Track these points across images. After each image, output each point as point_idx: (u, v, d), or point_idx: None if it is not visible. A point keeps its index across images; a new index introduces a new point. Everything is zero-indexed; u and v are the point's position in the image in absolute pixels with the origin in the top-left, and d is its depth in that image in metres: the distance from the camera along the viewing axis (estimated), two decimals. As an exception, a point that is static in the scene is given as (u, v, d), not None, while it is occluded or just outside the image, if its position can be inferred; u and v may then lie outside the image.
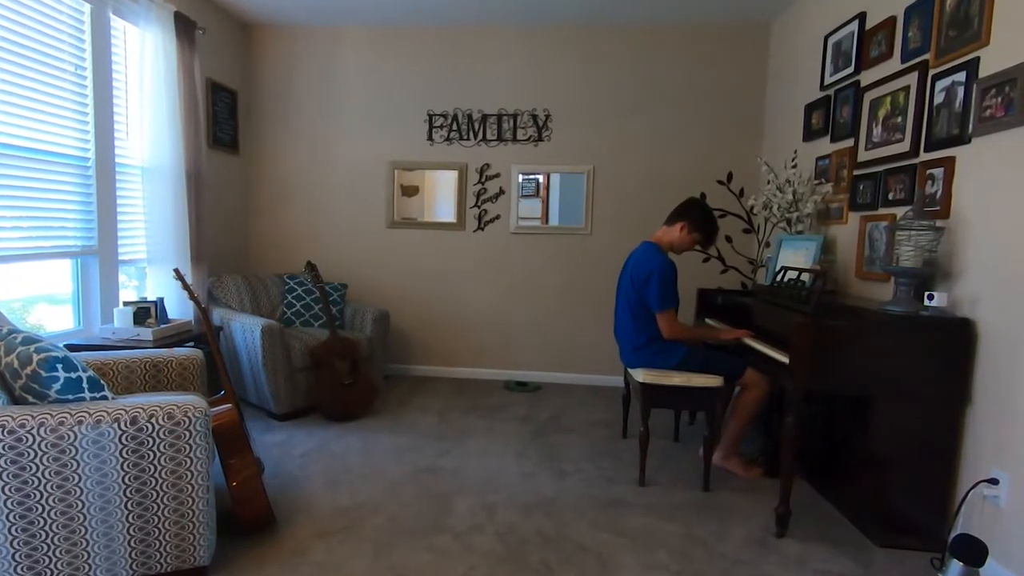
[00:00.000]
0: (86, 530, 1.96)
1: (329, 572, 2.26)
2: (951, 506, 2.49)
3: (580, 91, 4.81)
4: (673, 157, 4.76)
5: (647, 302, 3.08)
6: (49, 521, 1.94)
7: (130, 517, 2.00)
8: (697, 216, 3.18)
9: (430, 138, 4.93)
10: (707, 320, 3.90)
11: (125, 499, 1.98)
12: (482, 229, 4.97)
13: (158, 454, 1.99)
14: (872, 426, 2.55)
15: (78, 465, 1.92)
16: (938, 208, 2.62)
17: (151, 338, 3.31)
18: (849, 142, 3.41)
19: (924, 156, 2.77)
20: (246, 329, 3.74)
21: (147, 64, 3.69)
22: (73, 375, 2.01)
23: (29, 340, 2.02)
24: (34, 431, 1.88)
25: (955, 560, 2.14)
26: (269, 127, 5.08)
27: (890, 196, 3.00)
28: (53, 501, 1.93)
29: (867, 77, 3.27)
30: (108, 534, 1.99)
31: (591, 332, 4.93)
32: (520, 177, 4.90)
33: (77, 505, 1.94)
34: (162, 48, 3.73)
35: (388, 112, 4.96)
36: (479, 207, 4.95)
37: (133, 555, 2.02)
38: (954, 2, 2.60)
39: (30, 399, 1.98)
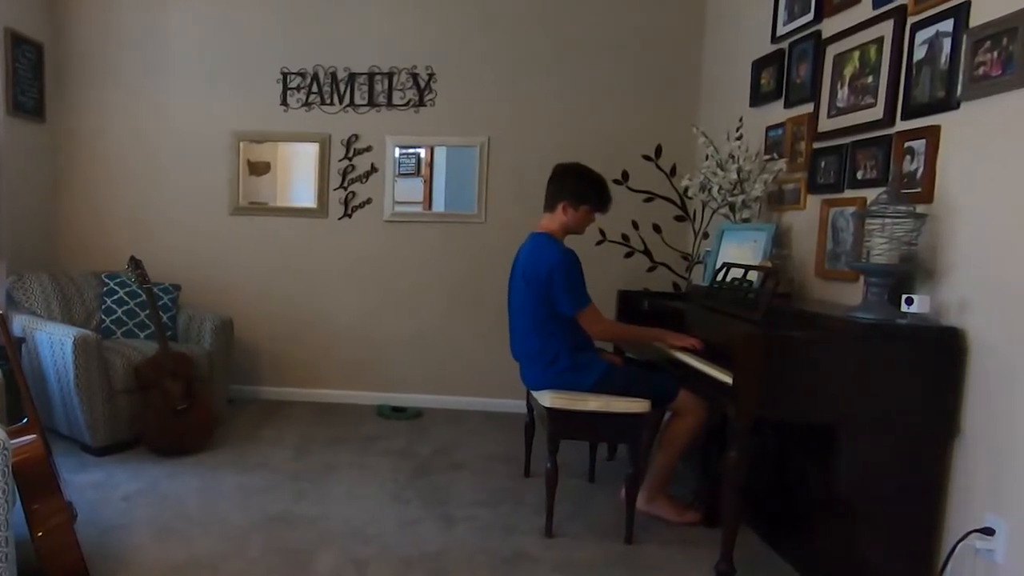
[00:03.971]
0: None
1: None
2: (935, 562, 2.45)
3: (472, 45, 4.80)
4: (588, 126, 4.77)
5: (556, 306, 3.07)
6: None
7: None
8: (573, 185, 3.20)
9: (284, 103, 4.91)
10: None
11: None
12: (349, 216, 4.97)
13: (-58, 497, 1.95)
14: (837, 463, 2.53)
15: None
16: (919, 190, 2.60)
17: (-66, 352, 3.30)
18: (808, 107, 3.40)
19: (901, 125, 2.75)
20: (55, 341, 3.72)
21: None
22: None
23: None
24: None
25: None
26: (84, 89, 4.99)
27: (859, 175, 2.98)
28: None
29: (830, 26, 3.25)
30: None
31: (486, 345, 4.86)
32: (397, 151, 4.90)
33: None
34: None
35: (231, 70, 4.91)
36: (345, 188, 4.96)
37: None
38: (938, -68, 2.59)
39: None
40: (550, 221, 3.23)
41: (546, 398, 3.02)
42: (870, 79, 2.91)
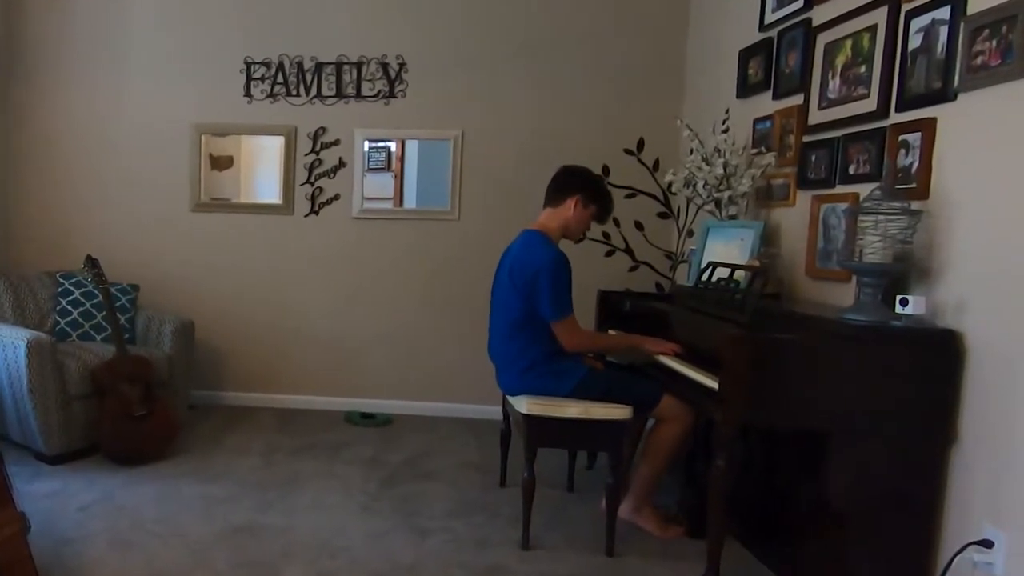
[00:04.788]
0: None
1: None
2: (931, 575, 2.44)
3: (446, 33, 4.80)
4: (567, 119, 4.78)
5: (537, 309, 3.07)
6: None
7: None
8: (587, 183, 3.24)
9: (248, 94, 4.91)
10: (611, 332, 3.87)
11: None
12: (316, 213, 4.97)
13: None
14: (827, 472, 2.50)
15: None
16: (914, 186, 2.58)
17: None
18: (797, 99, 3.41)
19: (896, 117, 2.74)
20: (7, 344, 3.75)
21: None
22: None
23: None
24: None
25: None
26: (38, 79, 4.98)
27: (851, 170, 2.98)
28: None
29: (821, 13, 3.26)
30: None
31: (459, 348, 4.87)
32: (366, 145, 4.91)
33: None
34: None
35: (193, 60, 4.90)
36: (312, 184, 4.95)
37: None
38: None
39: None
40: (550, 218, 3.23)
41: (523, 404, 3.01)
42: (863, 69, 2.90)
